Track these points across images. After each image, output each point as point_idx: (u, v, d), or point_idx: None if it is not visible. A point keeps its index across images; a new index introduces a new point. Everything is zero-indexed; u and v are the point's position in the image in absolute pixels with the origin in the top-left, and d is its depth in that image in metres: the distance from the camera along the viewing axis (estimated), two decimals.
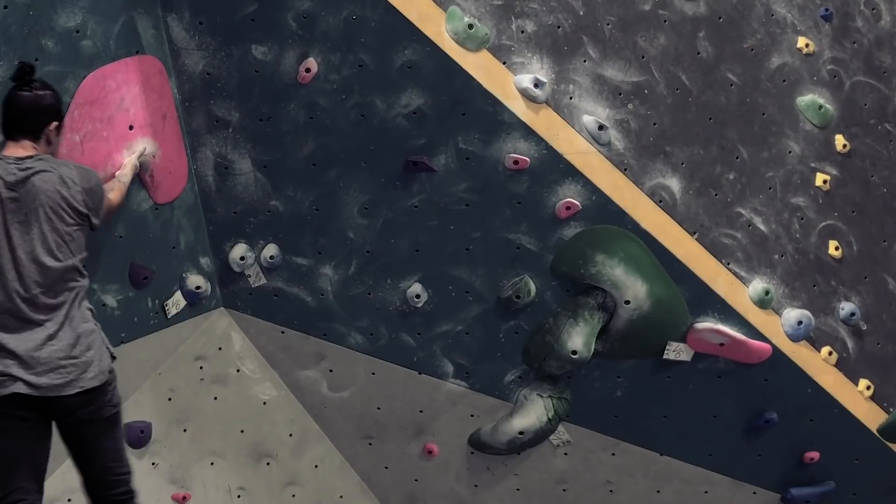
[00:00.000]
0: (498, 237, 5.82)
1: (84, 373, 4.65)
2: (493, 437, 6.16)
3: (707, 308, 5.87)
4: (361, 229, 5.85)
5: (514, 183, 5.72)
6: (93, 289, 5.48)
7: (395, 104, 5.64)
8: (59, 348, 4.62)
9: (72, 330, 4.68)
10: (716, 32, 5.88)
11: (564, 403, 6.07)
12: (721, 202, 5.89)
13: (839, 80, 6.09)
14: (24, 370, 4.56)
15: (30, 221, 4.63)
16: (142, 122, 5.45)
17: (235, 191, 5.85)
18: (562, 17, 5.67)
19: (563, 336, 5.87)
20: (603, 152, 5.71)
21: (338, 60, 5.58)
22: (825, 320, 6.01)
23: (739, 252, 5.90)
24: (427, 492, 6.35)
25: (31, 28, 4.90)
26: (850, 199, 6.11)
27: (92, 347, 4.70)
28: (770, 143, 5.97)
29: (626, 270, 5.77)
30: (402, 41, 5.54)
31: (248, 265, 6.00)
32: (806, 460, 6.17)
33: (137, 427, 5.86)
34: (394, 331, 6.01)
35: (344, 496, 6.37)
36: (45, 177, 4.67)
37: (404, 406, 6.15)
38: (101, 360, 4.72)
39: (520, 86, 5.61)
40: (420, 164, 5.72)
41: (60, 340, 4.63)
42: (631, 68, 5.75)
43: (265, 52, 5.61)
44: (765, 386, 6.01)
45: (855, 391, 6.07)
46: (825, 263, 6.04)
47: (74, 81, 5.12)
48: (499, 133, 5.65)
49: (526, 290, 5.86)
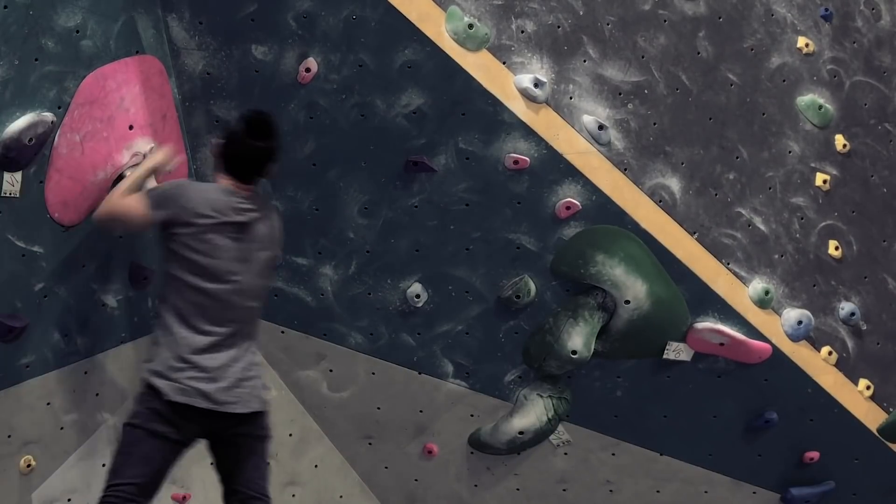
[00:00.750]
0: (498, 237, 5.82)
1: (255, 395, 5.05)
2: (493, 437, 6.16)
3: (707, 308, 5.87)
4: (361, 229, 5.85)
5: (514, 183, 5.72)
6: (92, 288, 5.48)
7: (395, 104, 5.64)
8: (238, 369, 5.01)
9: (250, 355, 5.09)
10: (716, 32, 5.88)
11: (564, 403, 6.07)
12: (721, 202, 5.89)
13: (839, 80, 6.09)
14: (208, 384, 4.93)
15: (246, 258, 5.05)
16: (142, 122, 5.45)
17: None
18: (562, 16, 5.67)
19: (563, 336, 5.87)
20: (603, 152, 5.71)
21: (338, 60, 5.58)
22: (825, 320, 6.01)
23: (739, 252, 5.90)
24: (427, 492, 6.35)
25: (31, 28, 4.90)
26: (850, 199, 6.11)
27: (259, 376, 5.12)
28: (770, 143, 5.97)
29: (626, 270, 5.77)
30: (402, 41, 5.54)
31: None
32: (806, 460, 6.17)
33: None
34: (394, 331, 6.01)
35: (344, 496, 6.37)
36: (263, 224, 5.10)
37: (404, 406, 6.15)
38: (264, 388, 5.15)
39: (520, 86, 5.61)
40: (420, 164, 5.72)
41: (239, 363, 5.02)
42: (631, 68, 5.75)
43: (265, 52, 5.61)
44: (765, 386, 6.01)
45: (855, 391, 6.07)
46: (825, 263, 6.04)
47: (74, 81, 5.12)
48: (499, 133, 5.65)
49: (526, 290, 5.86)
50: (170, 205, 4.99)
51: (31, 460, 5.44)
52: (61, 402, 5.49)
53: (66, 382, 5.48)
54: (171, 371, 4.91)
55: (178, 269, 4.97)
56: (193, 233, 4.94)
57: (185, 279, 4.95)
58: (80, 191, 5.25)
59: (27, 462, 5.43)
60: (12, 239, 5.07)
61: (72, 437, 5.61)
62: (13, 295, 5.14)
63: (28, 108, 4.94)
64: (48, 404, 5.44)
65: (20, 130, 4.90)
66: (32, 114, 4.95)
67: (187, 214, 4.95)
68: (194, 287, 4.94)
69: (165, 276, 5.05)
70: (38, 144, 4.98)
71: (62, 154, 5.12)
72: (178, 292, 4.97)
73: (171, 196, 5.02)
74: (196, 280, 4.94)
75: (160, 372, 4.92)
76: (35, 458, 5.46)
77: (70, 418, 5.56)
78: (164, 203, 5.01)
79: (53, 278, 5.27)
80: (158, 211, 5.00)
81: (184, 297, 4.96)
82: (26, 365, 5.27)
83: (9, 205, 4.99)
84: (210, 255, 4.95)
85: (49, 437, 5.51)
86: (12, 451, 5.36)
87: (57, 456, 5.59)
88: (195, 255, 4.94)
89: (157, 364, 4.95)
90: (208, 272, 4.95)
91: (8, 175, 4.95)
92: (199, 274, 4.94)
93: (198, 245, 4.95)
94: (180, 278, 4.96)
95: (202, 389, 4.90)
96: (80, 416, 5.61)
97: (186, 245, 4.95)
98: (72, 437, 5.61)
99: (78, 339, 5.48)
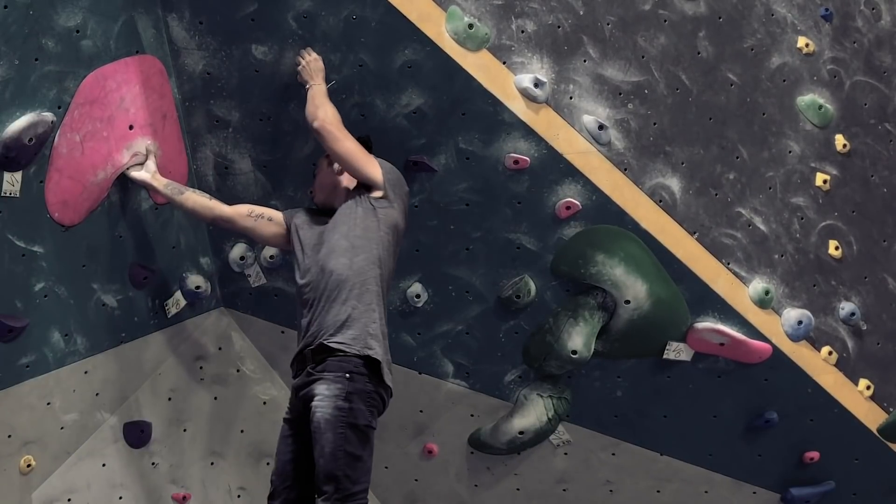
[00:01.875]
0: (498, 237, 5.82)
1: None
2: (493, 437, 6.16)
3: (707, 308, 5.88)
4: None
5: (514, 183, 5.72)
6: (93, 288, 5.49)
7: (395, 104, 5.64)
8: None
9: None
10: (716, 32, 5.88)
11: (564, 403, 6.07)
12: (721, 202, 5.89)
13: (839, 80, 6.09)
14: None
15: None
16: (142, 122, 5.45)
17: (235, 191, 5.85)
18: (562, 16, 5.67)
19: (563, 336, 5.87)
20: (603, 152, 5.71)
21: (338, 60, 5.58)
22: (825, 320, 6.02)
23: (739, 252, 5.90)
24: (427, 492, 6.35)
25: (31, 28, 4.90)
26: (850, 199, 6.11)
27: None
28: (770, 142, 5.97)
29: (627, 270, 5.77)
30: (403, 41, 5.54)
31: (248, 265, 6.00)
32: (806, 460, 6.18)
33: (137, 427, 5.86)
34: (394, 331, 6.01)
35: None
36: None
37: (404, 406, 6.15)
38: None
39: (520, 86, 5.61)
40: (420, 164, 5.72)
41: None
42: (631, 68, 5.75)
43: (265, 52, 5.61)
44: (765, 386, 6.01)
45: (855, 391, 6.08)
46: (825, 263, 6.04)
47: (74, 81, 5.12)
48: (499, 133, 5.65)
49: (526, 290, 5.86)
50: (399, 191, 5.32)
51: (31, 460, 5.45)
52: (61, 402, 5.49)
53: (66, 382, 5.48)
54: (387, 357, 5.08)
55: (392, 252, 5.22)
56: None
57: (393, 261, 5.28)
58: (80, 191, 5.26)
59: (27, 462, 5.43)
60: (12, 239, 5.07)
61: (72, 437, 5.61)
62: (13, 295, 5.14)
63: (28, 107, 4.94)
64: (48, 404, 5.44)
65: (20, 130, 4.91)
66: (32, 114, 4.95)
67: (406, 200, 5.38)
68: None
69: (382, 254, 5.18)
70: (38, 144, 4.99)
71: (62, 154, 5.13)
72: (390, 271, 5.25)
73: (400, 181, 5.36)
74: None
75: (387, 360, 5.05)
76: (35, 458, 5.46)
77: (70, 418, 5.57)
78: (398, 184, 5.32)
79: (53, 278, 5.27)
80: (394, 191, 5.28)
81: (390, 277, 5.26)
82: (26, 365, 5.28)
83: (9, 205, 4.99)
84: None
85: (49, 437, 5.51)
86: (12, 451, 5.36)
87: (57, 456, 5.59)
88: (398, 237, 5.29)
89: (382, 351, 5.03)
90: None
91: (8, 175, 4.95)
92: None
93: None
94: (391, 259, 5.24)
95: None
96: (80, 416, 5.62)
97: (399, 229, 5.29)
98: (72, 437, 5.61)
99: (78, 339, 5.48)
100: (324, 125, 5.26)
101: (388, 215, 5.22)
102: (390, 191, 5.26)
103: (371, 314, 5.03)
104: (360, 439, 4.85)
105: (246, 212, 5.48)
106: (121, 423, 5.83)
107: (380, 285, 5.10)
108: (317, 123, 5.27)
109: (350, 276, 5.05)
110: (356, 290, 5.04)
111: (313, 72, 5.45)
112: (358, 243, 5.12)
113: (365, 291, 5.05)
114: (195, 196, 5.47)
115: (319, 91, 5.40)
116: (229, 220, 5.50)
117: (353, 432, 4.84)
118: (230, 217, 5.48)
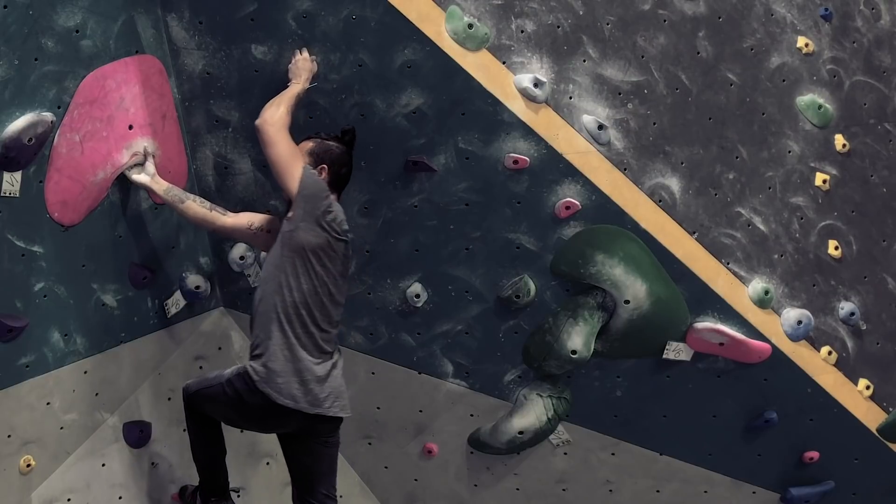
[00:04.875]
0: (498, 237, 5.82)
1: (344, 402, 5.37)
2: (493, 437, 6.16)
3: (707, 308, 5.88)
4: (361, 229, 5.85)
5: (514, 183, 5.72)
6: (92, 288, 5.49)
7: (394, 104, 5.64)
8: (336, 376, 5.32)
9: (339, 364, 5.38)
10: (716, 32, 5.88)
11: (564, 403, 6.07)
12: (721, 202, 5.89)
13: (839, 80, 6.09)
14: (318, 387, 5.24)
15: (345, 279, 5.41)
16: (141, 122, 5.46)
17: (235, 191, 5.85)
18: (562, 16, 5.67)
19: (562, 336, 5.87)
20: (603, 152, 5.71)
21: (338, 60, 5.58)
22: (825, 320, 6.02)
23: (739, 252, 5.90)
24: (427, 492, 6.35)
25: (31, 28, 4.90)
26: (849, 199, 6.11)
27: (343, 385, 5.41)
28: (770, 142, 5.97)
29: (626, 270, 5.77)
30: (402, 41, 5.54)
31: (248, 265, 6.00)
32: (806, 460, 6.18)
33: (137, 427, 5.86)
34: (394, 330, 6.02)
35: (344, 496, 6.36)
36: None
37: (404, 406, 6.15)
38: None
39: (519, 85, 5.61)
40: (420, 164, 5.72)
41: (337, 369, 5.34)
42: (631, 68, 5.75)
43: (265, 52, 5.61)
44: (764, 386, 6.01)
45: (855, 391, 6.08)
46: (825, 263, 6.04)
47: (74, 81, 5.12)
48: (499, 133, 5.65)
49: (526, 290, 5.86)
50: (328, 197, 5.27)
51: (31, 460, 5.45)
52: (61, 402, 5.49)
53: (66, 382, 5.48)
54: None
55: (305, 272, 5.22)
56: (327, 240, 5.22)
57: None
58: (79, 191, 5.26)
59: (27, 462, 5.43)
60: (12, 239, 5.07)
61: (72, 437, 5.61)
62: (13, 295, 5.14)
63: (28, 107, 4.94)
64: (48, 404, 5.44)
65: (20, 130, 4.91)
66: (32, 114, 4.95)
67: (335, 219, 5.26)
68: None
69: (287, 280, 5.22)
70: (38, 144, 4.99)
71: (62, 154, 5.13)
72: (305, 292, 5.26)
73: (326, 190, 5.29)
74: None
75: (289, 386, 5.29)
76: (35, 458, 5.46)
77: (70, 418, 5.57)
78: (313, 200, 5.23)
79: (53, 278, 5.27)
80: (320, 188, 5.24)
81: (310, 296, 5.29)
82: (26, 365, 5.28)
83: (9, 205, 4.99)
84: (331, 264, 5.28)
85: (49, 437, 5.51)
86: (12, 451, 5.36)
87: (57, 456, 5.59)
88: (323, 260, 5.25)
89: (281, 380, 5.27)
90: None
91: (8, 175, 4.95)
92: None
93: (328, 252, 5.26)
94: (304, 280, 5.23)
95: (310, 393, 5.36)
96: (80, 416, 5.62)
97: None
98: (72, 437, 5.61)
99: (78, 339, 5.48)
100: (263, 125, 5.26)
101: (293, 239, 5.18)
102: (300, 208, 5.18)
103: (267, 342, 5.19)
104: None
105: (246, 224, 5.52)
106: (121, 423, 5.83)
107: (280, 313, 5.18)
108: (259, 121, 5.29)
109: (257, 308, 5.26)
110: (260, 320, 5.24)
111: (298, 70, 5.47)
112: (267, 272, 5.29)
113: (268, 321, 5.20)
114: (195, 206, 5.50)
115: (290, 91, 5.41)
116: (230, 233, 5.60)
117: None
118: (231, 229, 5.56)
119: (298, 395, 5.18)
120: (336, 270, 5.28)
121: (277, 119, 5.26)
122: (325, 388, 5.24)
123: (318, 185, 5.25)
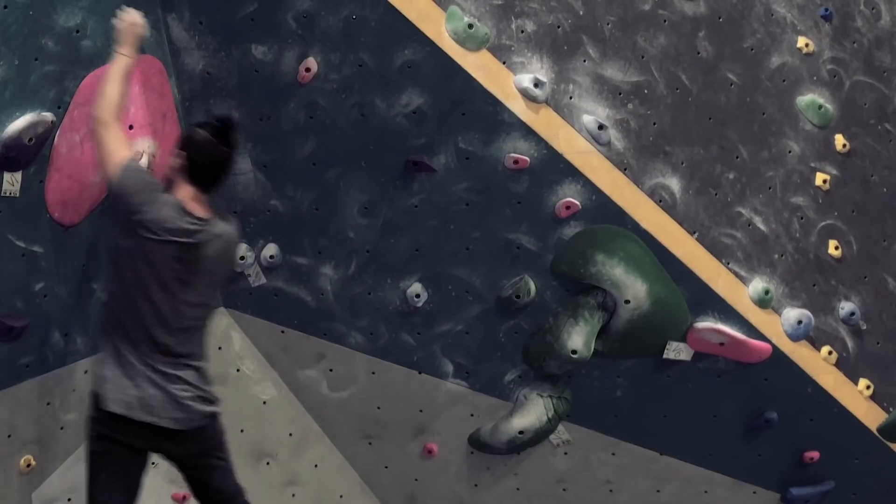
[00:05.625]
0: (498, 237, 5.82)
1: (199, 413, 4.98)
2: (493, 437, 6.16)
3: (707, 308, 5.88)
4: (361, 229, 5.85)
5: (514, 183, 5.72)
6: (92, 289, 5.48)
7: (395, 104, 5.64)
8: (188, 387, 4.95)
9: (199, 374, 5.02)
10: (716, 32, 5.88)
11: (564, 403, 6.07)
12: (721, 202, 5.89)
13: (839, 80, 6.09)
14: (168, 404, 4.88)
15: (191, 282, 4.87)
16: (142, 122, 5.45)
17: (235, 190, 5.85)
18: (562, 16, 5.67)
19: (563, 336, 5.87)
20: (603, 152, 5.71)
21: (338, 60, 5.58)
22: (825, 320, 6.02)
23: (739, 252, 5.90)
24: (427, 491, 6.35)
25: (31, 28, 4.90)
26: (850, 199, 6.11)
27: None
28: (770, 142, 5.97)
29: (626, 270, 5.77)
30: (402, 41, 5.54)
31: (248, 265, 6.00)
32: (806, 460, 6.18)
33: None
34: (394, 330, 6.01)
35: (344, 496, 6.37)
36: (214, 245, 4.90)
37: (404, 406, 6.15)
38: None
39: (520, 85, 5.61)
40: (420, 164, 5.72)
41: (191, 374, 4.97)
42: (631, 68, 5.75)
43: (265, 52, 5.61)
44: (765, 385, 6.01)
45: (855, 391, 6.08)
46: (825, 263, 6.04)
47: (74, 81, 5.12)
48: (499, 133, 5.65)
49: (526, 290, 5.86)
50: (142, 195, 4.78)
51: (31, 460, 5.44)
52: (61, 402, 5.49)
53: (66, 382, 5.48)
54: None
55: (118, 274, 4.88)
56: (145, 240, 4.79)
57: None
58: (79, 190, 5.26)
59: (27, 462, 5.43)
60: (12, 239, 5.06)
61: (72, 437, 5.61)
62: (13, 295, 5.14)
63: (28, 107, 4.94)
64: (48, 404, 5.44)
65: (20, 130, 4.90)
66: (32, 114, 4.94)
67: (152, 219, 4.77)
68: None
69: (112, 287, 4.93)
70: (38, 144, 4.98)
71: (62, 154, 5.12)
72: (121, 295, 4.91)
73: (149, 187, 4.83)
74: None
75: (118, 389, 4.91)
76: (35, 458, 5.46)
77: (70, 418, 5.57)
78: (122, 196, 4.80)
79: (53, 278, 5.27)
80: (131, 186, 4.78)
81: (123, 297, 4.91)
82: (26, 365, 5.27)
83: (9, 205, 4.99)
84: (154, 266, 4.80)
85: (49, 437, 5.51)
86: (12, 451, 5.36)
87: (57, 456, 5.59)
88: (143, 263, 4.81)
89: (110, 385, 4.91)
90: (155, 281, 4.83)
91: (8, 175, 4.94)
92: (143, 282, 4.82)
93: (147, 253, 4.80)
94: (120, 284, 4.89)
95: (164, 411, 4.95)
96: (80, 416, 5.61)
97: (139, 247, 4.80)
98: (72, 437, 5.61)
99: (78, 339, 5.48)
100: (93, 123, 4.92)
101: (116, 242, 4.92)
102: (116, 212, 4.90)
103: (104, 350, 4.95)
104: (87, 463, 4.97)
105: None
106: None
107: (109, 319, 4.90)
108: (92, 107, 4.94)
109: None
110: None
111: (124, 36, 4.97)
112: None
113: (103, 329, 5.01)
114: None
115: (117, 66, 4.92)
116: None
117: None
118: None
119: (133, 402, 4.81)
120: (171, 274, 4.81)
121: (106, 111, 4.84)
122: (162, 397, 4.84)
123: (133, 183, 4.78)
